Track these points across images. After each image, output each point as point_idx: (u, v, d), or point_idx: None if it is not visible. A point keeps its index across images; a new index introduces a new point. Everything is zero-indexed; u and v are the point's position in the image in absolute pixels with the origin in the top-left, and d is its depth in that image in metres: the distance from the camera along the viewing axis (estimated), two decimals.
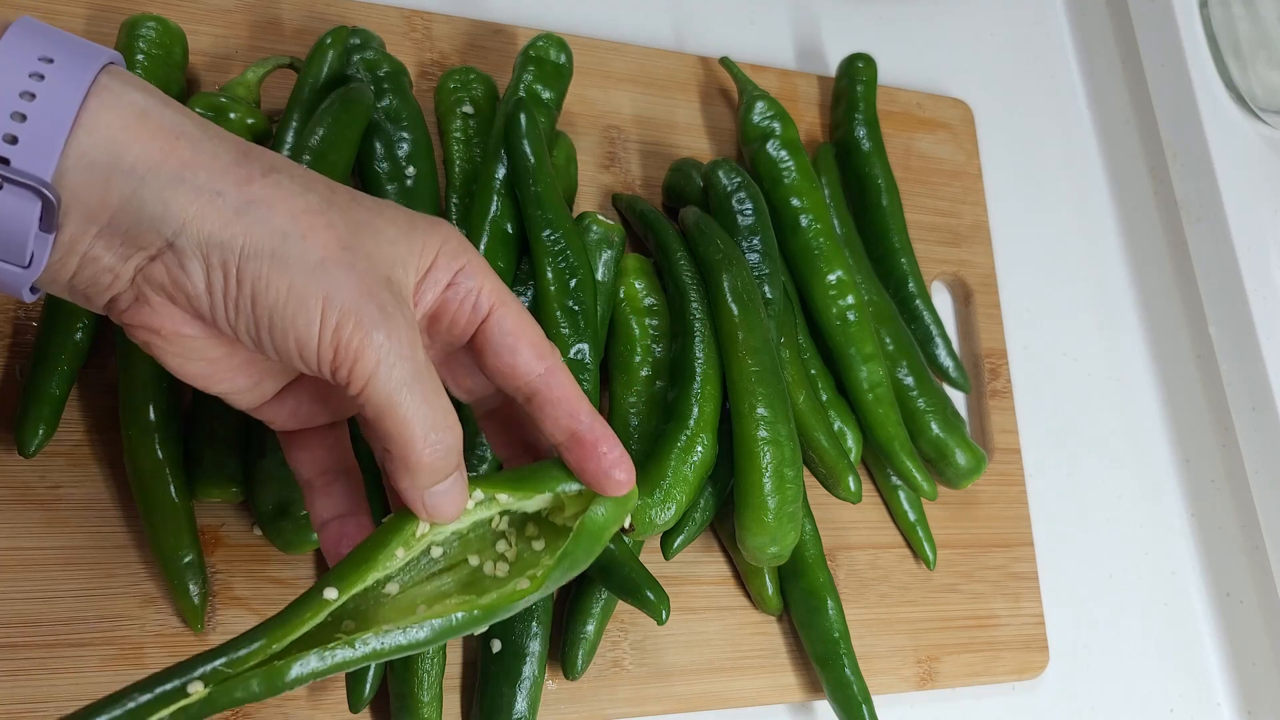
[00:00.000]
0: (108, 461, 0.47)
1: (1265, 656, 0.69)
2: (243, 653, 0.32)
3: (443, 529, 0.36)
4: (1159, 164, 0.77)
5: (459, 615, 0.35)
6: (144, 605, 0.46)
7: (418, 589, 0.37)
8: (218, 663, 0.32)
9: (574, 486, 0.38)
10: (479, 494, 0.37)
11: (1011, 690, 0.63)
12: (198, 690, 0.31)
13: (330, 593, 0.33)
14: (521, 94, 0.55)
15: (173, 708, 0.31)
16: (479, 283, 0.36)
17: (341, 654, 0.33)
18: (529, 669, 0.47)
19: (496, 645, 0.48)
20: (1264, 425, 0.68)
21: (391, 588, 0.36)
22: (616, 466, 0.37)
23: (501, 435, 0.42)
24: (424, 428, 0.33)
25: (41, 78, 0.30)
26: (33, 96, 0.29)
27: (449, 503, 0.35)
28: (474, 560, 0.38)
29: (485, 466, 0.49)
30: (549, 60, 0.57)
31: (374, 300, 0.32)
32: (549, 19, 0.65)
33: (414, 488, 0.34)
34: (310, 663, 0.33)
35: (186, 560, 0.45)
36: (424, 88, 0.59)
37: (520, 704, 0.47)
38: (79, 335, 0.45)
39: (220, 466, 0.46)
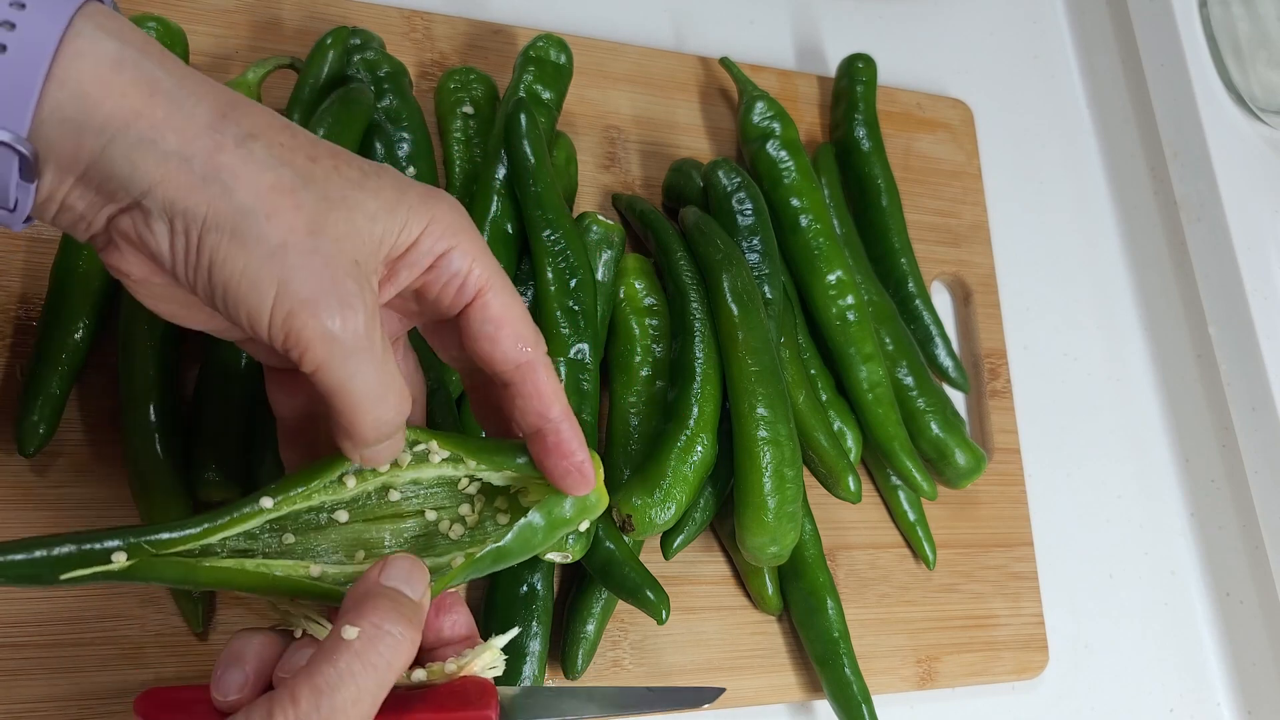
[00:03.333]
0: (108, 461, 0.47)
1: (1265, 656, 0.69)
2: (170, 536, 0.33)
3: (400, 473, 0.37)
4: (1159, 164, 0.77)
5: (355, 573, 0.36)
6: (144, 605, 0.46)
7: (369, 525, 0.38)
8: (145, 539, 0.33)
9: (532, 472, 0.38)
10: (435, 447, 0.37)
11: (1011, 690, 0.63)
12: (120, 560, 0.32)
13: (266, 501, 0.34)
14: (521, 94, 0.55)
15: (94, 570, 0.32)
16: (468, 265, 0.35)
17: (254, 575, 0.34)
18: (529, 669, 0.47)
19: None
20: (1264, 425, 0.68)
21: (341, 514, 0.37)
22: (577, 470, 0.37)
23: (483, 405, 0.41)
24: (372, 407, 0.33)
25: (12, 26, 0.28)
26: (3, 49, 0.28)
27: (381, 455, 0.35)
28: (431, 515, 0.38)
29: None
30: (549, 60, 0.57)
31: (334, 289, 0.31)
32: (549, 19, 0.65)
33: (353, 450, 0.34)
34: (230, 573, 0.34)
35: None
36: (424, 88, 0.59)
37: None
38: (79, 335, 0.45)
39: (220, 466, 0.45)
